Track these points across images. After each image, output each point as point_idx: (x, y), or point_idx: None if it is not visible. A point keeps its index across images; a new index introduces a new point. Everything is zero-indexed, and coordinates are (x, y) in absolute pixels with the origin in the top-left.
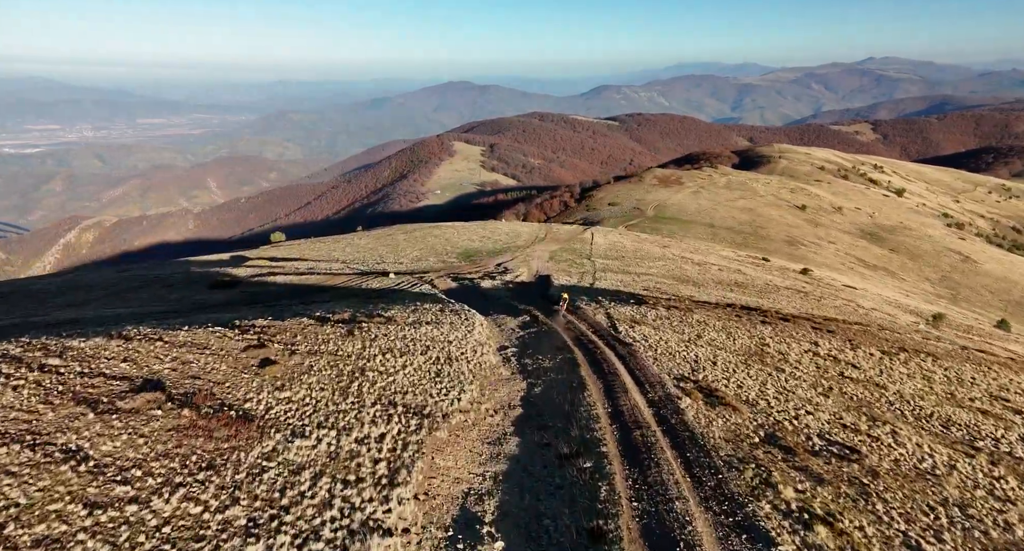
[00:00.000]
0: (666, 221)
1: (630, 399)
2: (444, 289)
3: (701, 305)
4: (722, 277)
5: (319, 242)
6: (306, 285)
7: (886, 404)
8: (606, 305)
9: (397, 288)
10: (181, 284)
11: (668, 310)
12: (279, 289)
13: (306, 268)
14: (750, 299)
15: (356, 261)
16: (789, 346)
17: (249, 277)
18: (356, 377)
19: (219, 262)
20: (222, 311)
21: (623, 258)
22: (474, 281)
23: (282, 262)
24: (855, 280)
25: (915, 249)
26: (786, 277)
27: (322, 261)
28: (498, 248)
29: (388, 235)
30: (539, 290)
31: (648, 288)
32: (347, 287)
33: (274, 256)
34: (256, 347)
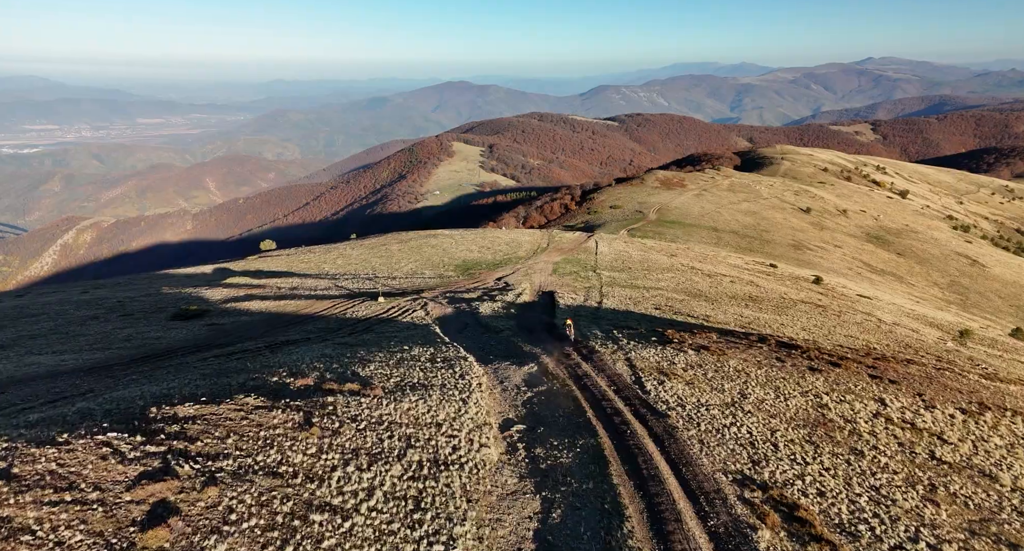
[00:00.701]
0: (669, 225)
1: (686, 534)
2: (438, 316)
3: (732, 344)
4: (735, 290)
5: (309, 252)
6: (284, 315)
7: (1014, 513)
8: (624, 345)
9: (386, 317)
10: (142, 313)
11: (698, 354)
12: (251, 320)
13: (289, 288)
14: (768, 317)
15: (347, 275)
16: (853, 407)
17: (221, 302)
18: (293, 529)
19: (199, 277)
20: (163, 366)
21: (630, 270)
22: (471, 304)
23: (265, 279)
24: (864, 286)
25: (922, 253)
26: (799, 288)
27: (309, 277)
28: (498, 260)
29: (382, 245)
30: (543, 314)
31: (660, 306)
32: (330, 317)
33: (260, 270)
34: (154, 477)
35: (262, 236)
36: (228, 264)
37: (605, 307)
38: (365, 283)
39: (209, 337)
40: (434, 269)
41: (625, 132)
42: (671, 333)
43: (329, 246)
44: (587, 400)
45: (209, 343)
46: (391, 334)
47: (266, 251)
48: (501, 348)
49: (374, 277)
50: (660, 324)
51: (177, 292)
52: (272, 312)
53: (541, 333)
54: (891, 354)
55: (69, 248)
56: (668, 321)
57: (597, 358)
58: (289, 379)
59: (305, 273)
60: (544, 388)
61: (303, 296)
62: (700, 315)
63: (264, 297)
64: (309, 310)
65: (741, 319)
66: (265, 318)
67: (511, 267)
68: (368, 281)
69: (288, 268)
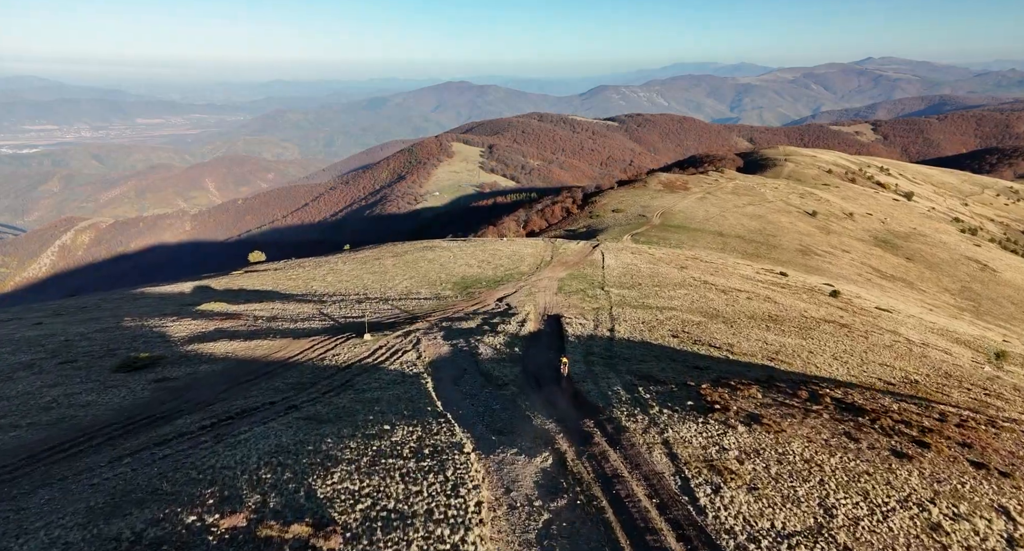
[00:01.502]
0: (674, 229)
1: None
2: (432, 358)
3: (784, 408)
4: (753, 308)
5: (299, 267)
6: (252, 362)
7: None
8: (656, 415)
9: (371, 363)
10: (87, 359)
11: (750, 431)
12: (211, 371)
13: (267, 318)
14: (792, 341)
15: (336, 296)
16: (975, 527)
17: (184, 342)
18: None
19: (174, 300)
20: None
21: (640, 286)
22: (470, 339)
23: (245, 303)
24: (876, 294)
25: (931, 257)
26: (817, 303)
27: (294, 299)
28: (499, 276)
29: (375, 259)
30: (551, 352)
31: (677, 332)
32: (305, 364)
33: (243, 288)
34: None
35: (261, 237)
36: (210, 281)
37: (619, 336)
38: (354, 308)
39: (149, 404)
40: (431, 287)
41: (625, 132)
42: (707, 391)
43: (320, 260)
44: (624, 528)
45: (145, 416)
46: (373, 395)
47: (255, 263)
48: (505, 416)
49: (365, 298)
50: (686, 366)
51: (139, 325)
52: (239, 358)
53: (552, 388)
54: (954, 403)
55: (67, 249)
56: (691, 355)
57: (627, 441)
58: (213, 517)
59: (291, 294)
60: (564, 503)
61: (279, 331)
62: (722, 343)
63: (235, 333)
64: (282, 354)
65: (767, 348)
66: (228, 368)
67: (513, 284)
68: (358, 304)
69: (274, 286)
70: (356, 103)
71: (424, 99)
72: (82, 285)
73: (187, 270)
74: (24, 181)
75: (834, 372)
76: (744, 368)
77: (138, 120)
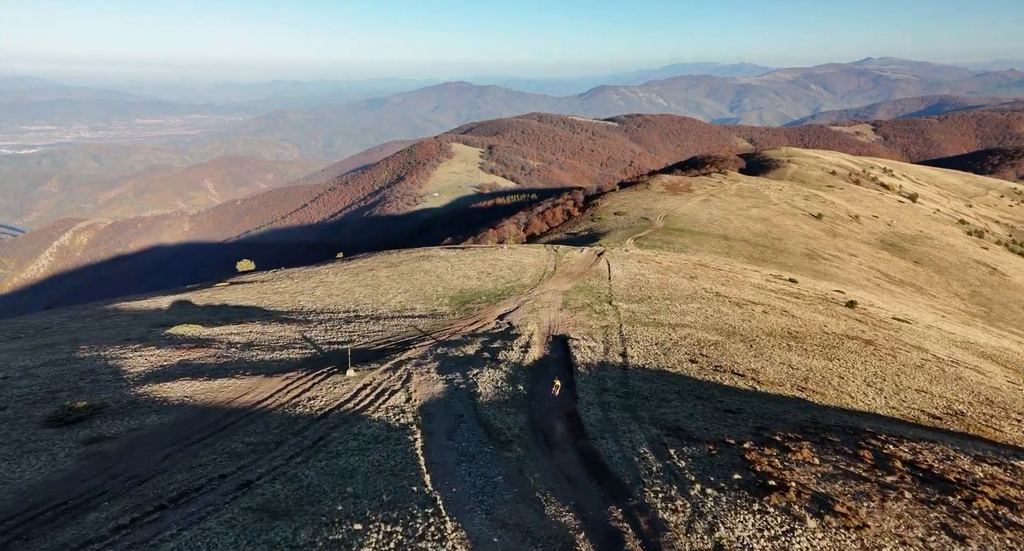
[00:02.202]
0: (677, 233)
1: None
2: (423, 402)
3: (860, 492)
4: (770, 324)
5: (288, 278)
6: (211, 411)
7: None
8: (698, 499)
9: (351, 410)
10: (18, 406)
11: (822, 525)
12: (158, 426)
13: (242, 345)
14: (819, 364)
15: (323, 314)
16: None
17: (137, 382)
18: None
19: (146, 319)
20: None
21: (649, 299)
22: (467, 373)
23: (222, 325)
24: (886, 299)
25: (940, 261)
26: (834, 314)
27: (276, 319)
28: (499, 289)
29: (368, 270)
30: (558, 376)
31: (695, 356)
32: (272, 414)
33: (224, 304)
34: None
35: (259, 238)
36: (192, 294)
37: (632, 363)
38: (341, 330)
39: (67, 481)
40: (426, 302)
41: (625, 133)
42: (753, 455)
43: (310, 270)
44: None
45: (53, 504)
46: (348, 463)
47: (243, 273)
48: (510, 498)
49: (355, 316)
50: (715, 408)
51: (95, 357)
52: (197, 404)
53: (565, 450)
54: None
55: (66, 250)
56: (716, 388)
57: (668, 547)
58: None
59: (275, 310)
60: None
61: (252, 364)
62: (745, 369)
63: (200, 369)
64: (250, 398)
65: (794, 374)
66: (181, 420)
67: (515, 299)
68: (346, 325)
69: (258, 301)
70: (356, 103)
71: (424, 99)
72: (80, 286)
73: (184, 272)
74: (23, 182)
75: (872, 403)
76: (777, 407)
77: (137, 120)
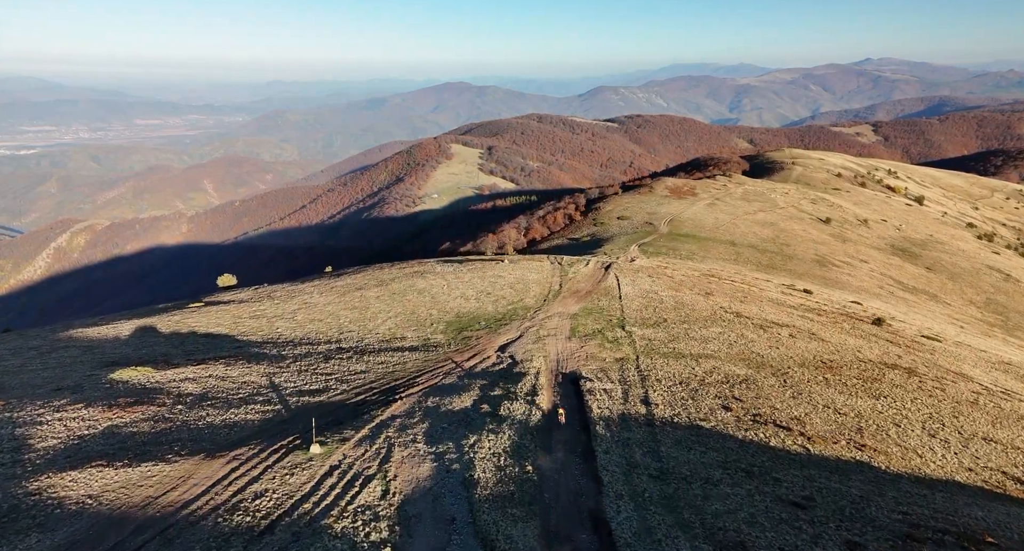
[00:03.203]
0: (683, 239)
1: None
2: (406, 495)
3: None
4: (801, 351)
5: (269, 298)
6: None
7: None
8: None
9: (308, 517)
10: None
11: None
12: None
13: (194, 398)
14: (867, 405)
15: (301, 346)
16: None
17: (33, 471)
18: None
19: (96, 351)
20: None
21: (665, 322)
22: (464, 446)
23: (177, 367)
24: (901, 308)
25: (952, 267)
26: (864, 335)
27: (243, 356)
28: (500, 313)
29: (357, 289)
30: (575, 453)
31: (727, 400)
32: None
33: (193, 331)
34: None
35: (258, 239)
36: (159, 318)
37: (659, 416)
38: (318, 371)
39: None
40: (419, 329)
41: (625, 133)
42: None
43: (293, 288)
44: None
45: None
46: None
47: (224, 289)
48: None
49: (337, 349)
50: (773, 497)
51: (3, 421)
52: (101, 512)
53: None
54: None
55: (63, 251)
56: (762, 453)
57: None
58: None
59: (247, 341)
60: None
61: (194, 434)
62: (788, 419)
63: (127, 441)
64: (175, 497)
65: (843, 423)
66: (66, 545)
67: (518, 324)
68: (324, 362)
69: (231, 328)
70: (355, 103)
71: (423, 100)
72: (79, 287)
73: (181, 274)
74: (22, 182)
75: (944, 464)
76: (846, 484)
77: (137, 121)
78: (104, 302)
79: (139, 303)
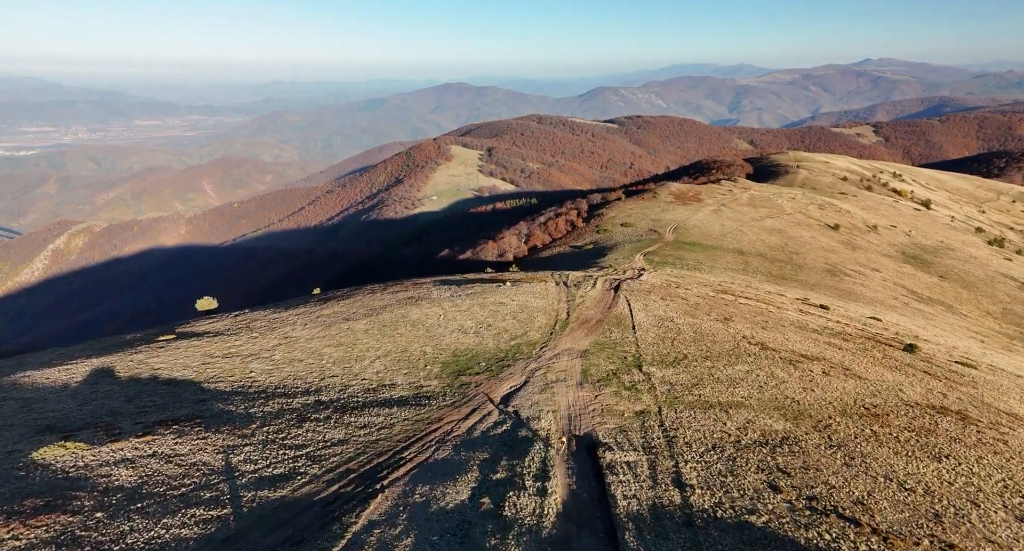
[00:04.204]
0: (689, 247)
1: None
2: None
3: None
4: (837, 393)
5: (248, 329)
6: None
7: None
8: None
9: None
10: None
11: None
12: None
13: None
14: (929, 472)
15: (275, 399)
16: None
17: None
18: None
19: (37, 404)
20: None
21: (686, 359)
22: None
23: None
24: (920, 323)
25: (965, 275)
26: (900, 368)
27: (204, 415)
28: (503, 350)
29: (345, 319)
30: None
31: (772, 474)
32: None
33: (155, 375)
34: None
35: (255, 241)
36: (118, 359)
37: (696, 503)
38: (287, 442)
39: None
40: (411, 372)
41: (625, 134)
42: None
43: (276, 317)
44: None
45: None
46: None
47: (203, 313)
48: None
49: (315, 404)
50: None
51: None
52: None
53: None
54: None
55: (60, 253)
56: None
57: None
58: None
59: (212, 392)
60: None
61: None
62: (849, 505)
63: None
64: None
65: (916, 508)
66: None
67: (522, 366)
68: (298, 427)
69: (198, 372)
70: (355, 104)
71: (423, 100)
72: (76, 289)
73: (178, 276)
74: (20, 183)
75: None
76: None
77: (136, 121)
78: (102, 304)
79: (136, 305)
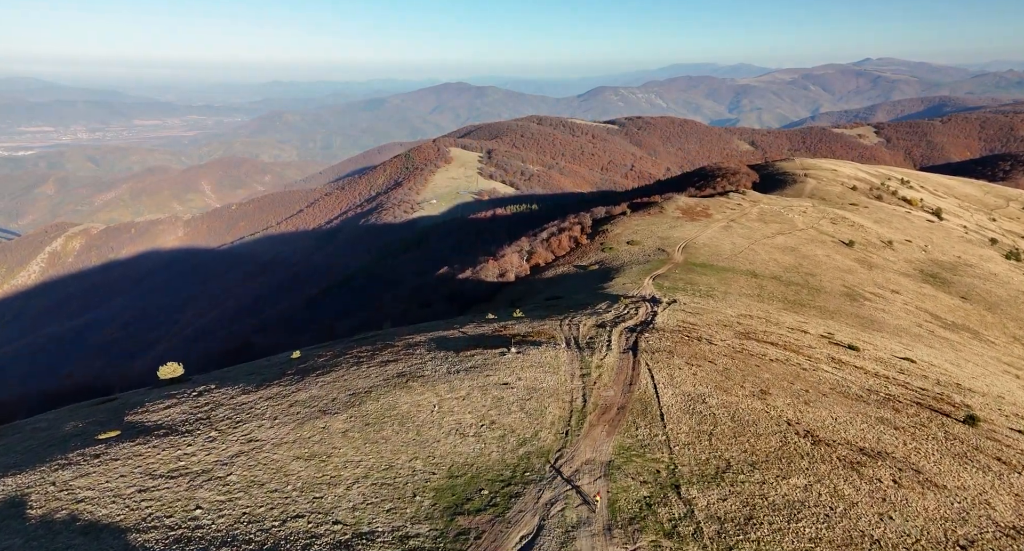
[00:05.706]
0: (700, 270)
1: None
2: None
3: None
4: (920, 519)
5: (207, 426)
6: None
7: None
8: None
9: None
10: None
11: None
12: None
13: None
14: None
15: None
16: None
17: None
18: None
19: None
20: None
21: (730, 470)
22: None
23: None
24: (948, 355)
25: (987, 295)
26: (967, 454)
27: None
28: (509, 466)
29: (321, 413)
30: None
31: None
32: None
33: (72, 518)
34: None
35: (252, 245)
36: (38, 479)
37: None
38: None
39: None
40: (395, 509)
41: (625, 135)
42: None
43: (243, 404)
44: None
45: None
46: None
47: (166, 383)
48: None
49: None
50: None
51: None
52: None
53: None
54: None
55: (57, 256)
56: None
57: None
58: None
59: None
60: None
61: None
62: None
63: None
64: None
65: None
66: None
67: (533, 500)
68: None
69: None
70: (354, 104)
71: (423, 100)
72: (73, 293)
73: (177, 278)
74: (19, 183)
75: None
76: None
77: (135, 122)
78: (100, 306)
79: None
